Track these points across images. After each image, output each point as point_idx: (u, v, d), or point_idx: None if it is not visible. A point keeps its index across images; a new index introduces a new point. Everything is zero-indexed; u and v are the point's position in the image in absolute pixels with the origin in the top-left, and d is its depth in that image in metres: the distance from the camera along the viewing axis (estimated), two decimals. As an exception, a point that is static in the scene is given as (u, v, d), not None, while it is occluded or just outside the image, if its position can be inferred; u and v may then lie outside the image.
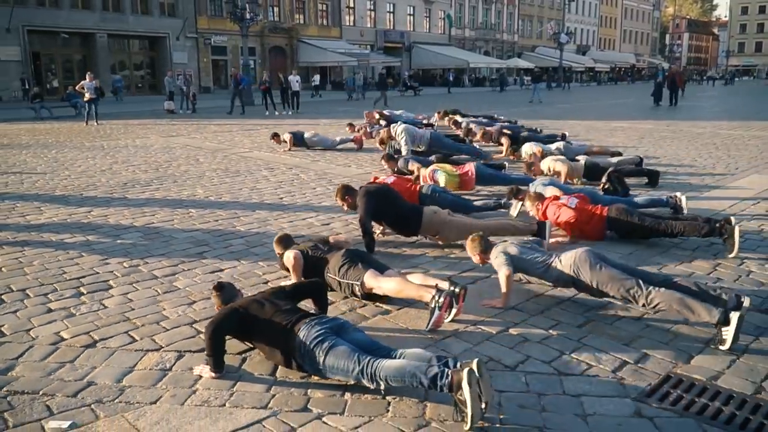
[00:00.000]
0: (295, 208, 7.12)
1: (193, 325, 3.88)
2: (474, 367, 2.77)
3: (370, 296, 4.12)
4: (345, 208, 5.60)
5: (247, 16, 26.95)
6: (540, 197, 5.95)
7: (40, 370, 3.32)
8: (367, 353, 3.04)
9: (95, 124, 17.82)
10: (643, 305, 3.76)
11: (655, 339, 3.63)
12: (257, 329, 3.32)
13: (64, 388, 3.12)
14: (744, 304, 3.65)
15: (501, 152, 10.80)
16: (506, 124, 14.34)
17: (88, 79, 18.32)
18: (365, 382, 2.96)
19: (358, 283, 4.08)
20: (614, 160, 9.16)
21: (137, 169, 9.87)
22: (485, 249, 4.30)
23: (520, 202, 6.19)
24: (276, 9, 43.37)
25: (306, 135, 12.00)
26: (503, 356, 3.42)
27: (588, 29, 75.07)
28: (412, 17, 53.74)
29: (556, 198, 5.89)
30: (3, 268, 4.98)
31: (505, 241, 4.63)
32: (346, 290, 4.20)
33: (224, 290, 3.70)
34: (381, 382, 2.92)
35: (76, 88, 20.18)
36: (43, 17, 32.42)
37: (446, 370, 2.80)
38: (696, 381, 3.17)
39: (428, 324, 3.73)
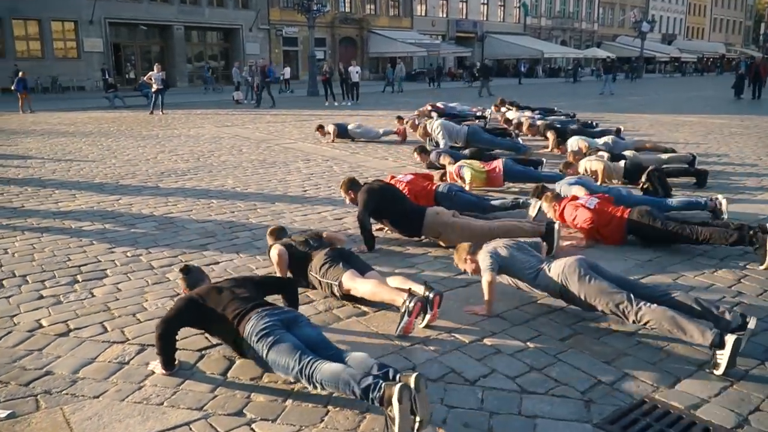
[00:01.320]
0: (315, 201, 7.06)
1: (167, 319, 3.86)
2: (411, 381, 2.59)
3: (348, 297, 3.99)
4: (347, 201, 5.50)
5: (314, 7, 27.17)
6: (557, 197, 5.61)
7: (7, 357, 3.38)
8: (311, 352, 2.91)
9: (160, 113, 18.45)
10: (633, 322, 3.43)
11: (641, 358, 3.31)
12: (212, 318, 3.24)
13: (20, 376, 3.17)
14: (749, 325, 3.27)
15: (547, 147, 10.36)
16: (562, 117, 13.78)
17: (156, 70, 18.99)
18: (304, 383, 2.84)
19: (337, 283, 3.96)
20: (664, 157, 8.56)
21: (180, 158, 10.10)
22: (473, 252, 4.05)
23: (539, 201, 5.86)
24: (347, 0, 43.58)
25: (350, 126, 11.94)
26: (467, 368, 3.21)
27: (674, 17, 71.22)
28: (486, 6, 52.71)
29: (575, 198, 5.53)
30: (15, 254, 5.17)
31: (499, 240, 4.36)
32: (326, 289, 4.09)
33: (190, 274, 3.61)
34: (317, 386, 2.79)
35: (145, 78, 20.95)
36: (124, 10, 33.93)
37: (380, 382, 2.63)
38: (672, 409, 2.85)
39: (397, 329, 3.55)
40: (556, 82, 40.33)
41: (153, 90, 18.81)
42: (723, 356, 3.10)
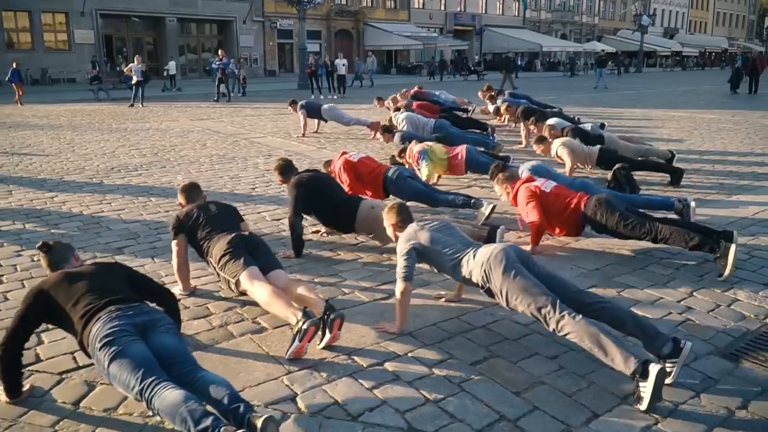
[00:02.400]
0: (260, 200, 6.65)
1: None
2: (258, 424, 2.19)
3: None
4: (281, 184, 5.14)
5: (305, -1, 26.66)
6: (511, 178, 5.12)
7: None
8: (159, 370, 2.48)
9: (140, 106, 18.03)
10: (554, 330, 2.97)
11: (558, 387, 2.89)
12: (61, 318, 2.77)
13: None
14: (683, 352, 2.85)
15: (521, 143, 9.94)
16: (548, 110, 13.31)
17: (136, 62, 18.56)
18: (146, 407, 2.44)
19: (234, 280, 3.54)
20: (642, 148, 8.11)
21: (138, 153, 9.68)
22: (402, 222, 3.62)
23: (491, 205, 5.43)
24: (343, -8, 43.07)
25: (324, 107, 11.50)
26: (354, 400, 2.79)
27: (677, 11, 70.35)
28: (484, -1, 52.10)
29: (531, 180, 5.01)
30: None
31: (425, 218, 3.91)
32: (223, 284, 3.71)
33: (52, 251, 3.07)
34: (156, 414, 2.38)
35: (125, 70, 20.54)
36: (116, 1, 33.42)
37: (220, 426, 2.21)
38: (577, 455, 2.44)
39: (287, 352, 3.14)
40: (554, 76, 39.73)
41: (133, 82, 18.37)
42: (646, 389, 2.67)
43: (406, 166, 6.63)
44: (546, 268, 3.27)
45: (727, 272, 4.17)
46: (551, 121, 8.86)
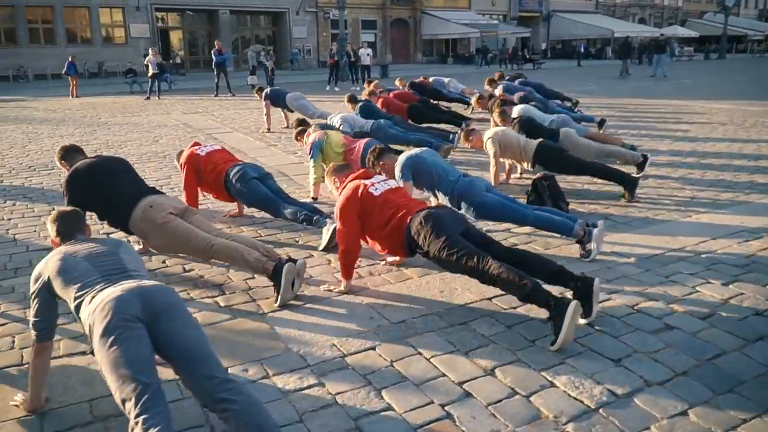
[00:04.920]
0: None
1: None
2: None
3: None
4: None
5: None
6: (341, 170, 4.10)
7: None
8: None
9: (157, 98, 17.86)
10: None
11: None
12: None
13: None
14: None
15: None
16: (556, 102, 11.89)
17: (151, 55, 18.43)
18: None
19: None
20: (607, 149, 6.73)
21: (94, 147, 9.26)
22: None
23: (333, 224, 4.38)
24: (400, -21, 41.95)
25: (288, 95, 10.65)
26: None
27: (775, -9, 64.28)
28: (554, -18, 49.40)
29: (366, 175, 3.91)
30: None
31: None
32: None
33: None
34: None
35: (145, 62, 20.49)
36: (170, -5, 33.99)
37: None
38: None
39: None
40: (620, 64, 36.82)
41: (149, 75, 18.23)
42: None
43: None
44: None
45: (558, 342, 2.96)
46: (516, 109, 7.67)
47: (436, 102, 11.82)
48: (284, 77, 24.43)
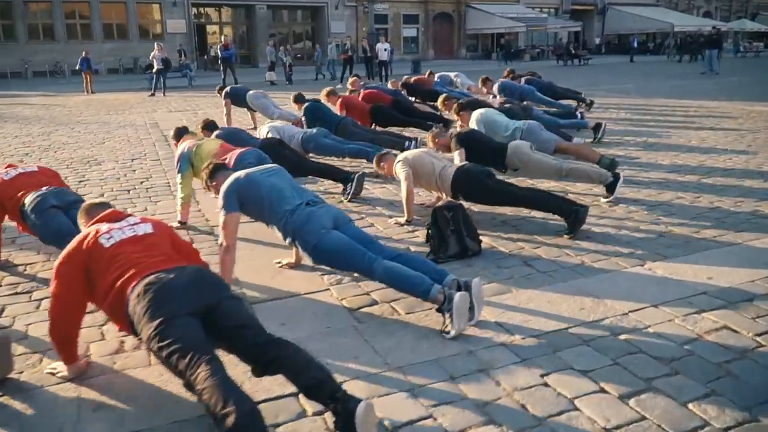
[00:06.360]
0: None
1: None
2: None
3: None
4: None
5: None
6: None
7: None
8: None
9: (162, 95, 17.26)
10: None
11: None
12: None
13: None
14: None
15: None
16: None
17: (156, 50, 17.84)
18: None
19: None
20: (566, 167, 5.35)
21: (30, 149, 8.57)
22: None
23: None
24: (444, -29, 40.44)
25: (249, 93, 9.67)
26: None
27: None
28: (611, -26, 46.67)
29: (112, 217, 2.76)
30: None
31: None
32: None
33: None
34: None
35: (150, 59, 19.93)
36: (207, -9, 33.73)
37: None
38: None
39: None
40: (674, 60, 34.18)
41: (153, 71, 17.64)
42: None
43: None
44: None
45: None
46: (474, 114, 6.47)
47: (431, 103, 10.56)
48: (303, 74, 23.43)
